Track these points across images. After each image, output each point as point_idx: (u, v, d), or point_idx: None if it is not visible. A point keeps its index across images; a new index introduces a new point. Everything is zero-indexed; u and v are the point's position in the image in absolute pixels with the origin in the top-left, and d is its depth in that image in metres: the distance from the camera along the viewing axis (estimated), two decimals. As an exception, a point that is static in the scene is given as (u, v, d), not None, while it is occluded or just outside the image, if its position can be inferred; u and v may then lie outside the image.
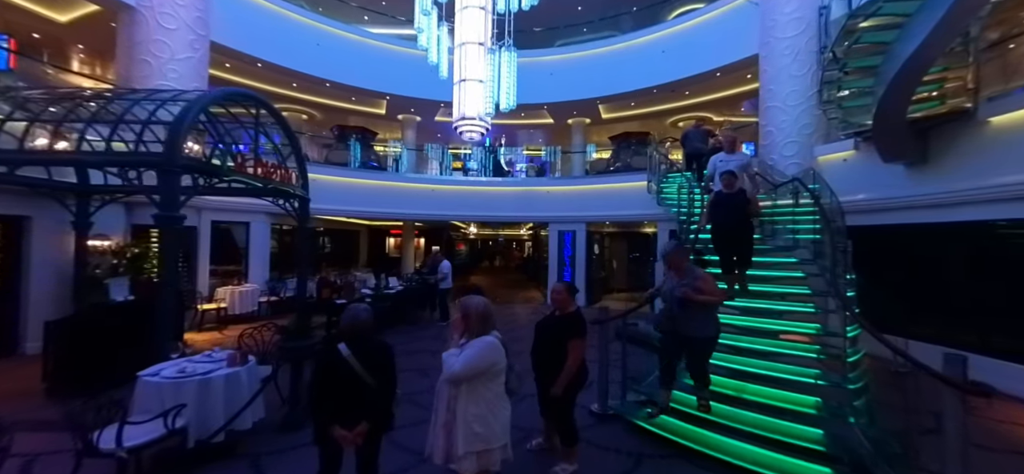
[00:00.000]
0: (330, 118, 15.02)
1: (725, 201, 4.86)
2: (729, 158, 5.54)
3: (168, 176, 4.12)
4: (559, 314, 3.35)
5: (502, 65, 6.16)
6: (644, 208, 10.81)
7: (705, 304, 3.50)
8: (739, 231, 4.83)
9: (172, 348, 3.76)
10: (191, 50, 8.35)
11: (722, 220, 4.89)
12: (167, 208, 4.11)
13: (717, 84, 11.75)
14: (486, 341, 2.39)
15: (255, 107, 5.44)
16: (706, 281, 3.56)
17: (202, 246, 9.17)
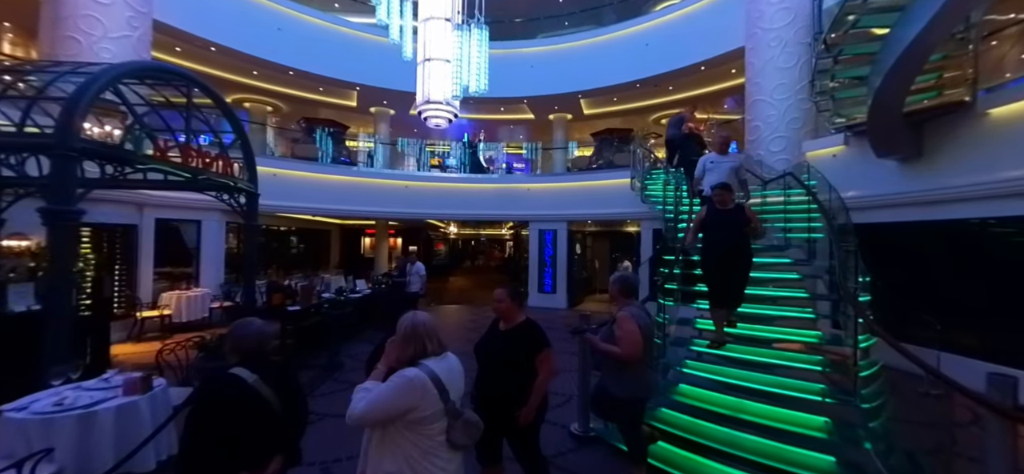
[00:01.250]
0: (298, 110, 14.12)
1: (721, 220, 3.98)
2: (720, 160, 4.87)
3: (61, 162, 3.40)
4: (505, 327, 2.59)
5: (472, 44, 5.52)
6: (627, 206, 10.38)
7: (612, 357, 2.76)
8: (738, 257, 3.94)
9: (58, 373, 3.03)
10: (129, 28, 7.46)
11: (718, 243, 3.99)
12: (58, 200, 3.39)
13: (701, 79, 11.42)
14: (407, 377, 1.72)
15: (185, 86, 4.71)
16: (622, 326, 2.70)
17: (144, 247, 8.28)
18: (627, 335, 2.67)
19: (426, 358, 1.80)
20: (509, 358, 2.49)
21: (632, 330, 2.67)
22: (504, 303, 2.56)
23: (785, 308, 4.76)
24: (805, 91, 7.81)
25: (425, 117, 5.35)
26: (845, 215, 4.96)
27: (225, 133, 5.77)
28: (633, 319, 2.71)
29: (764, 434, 3.26)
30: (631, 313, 2.76)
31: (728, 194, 4.04)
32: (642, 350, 2.71)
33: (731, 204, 4.01)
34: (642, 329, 2.72)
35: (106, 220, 7.46)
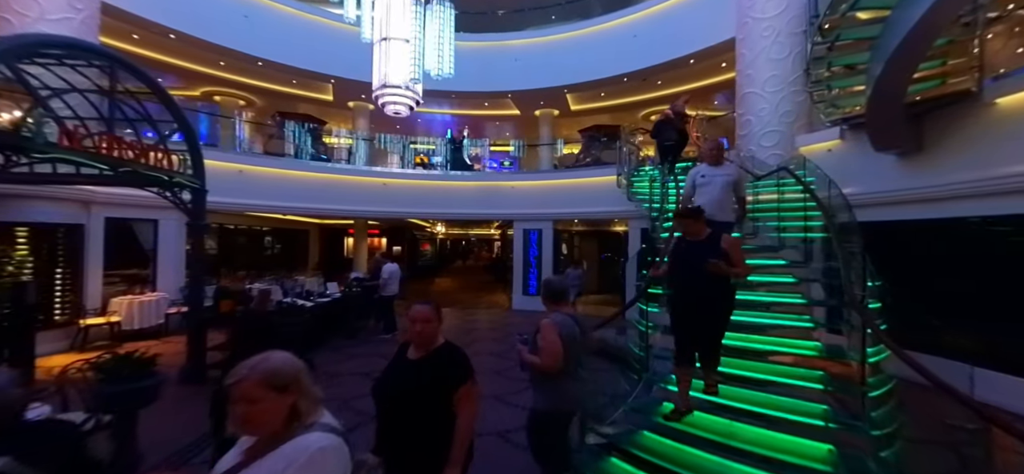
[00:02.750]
0: (272, 104, 13.51)
1: (691, 255, 3.05)
2: (713, 173, 3.94)
3: (-76, 148, 2.83)
4: (417, 355, 1.98)
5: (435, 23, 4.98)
6: (615, 204, 9.94)
7: (533, 367, 2.55)
8: (708, 303, 3.03)
9: None
10: (70, 10, 6.83)
11: (684, 286, 3.19)
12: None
13: (691, 73, 11.01)
14: (319, 448, 1.16)
15: (105, 65, 4.15)
16: (544, 334, 2.51)
17: (92, 248, 7.63)
18: (547, 345, 2.49)
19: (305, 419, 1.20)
20: (421, 396, 1.87)
21: (552, 340, 2.49)
22: (430, 323, 1.96)
23: (780, 316, 4.31)
24: (799, 83, 7.43)
25: (383, 103, 4.84)
26: (848, 212, 4.52)
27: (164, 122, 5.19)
28: (555, 327, 2.53)
29: (759, 465, 2.80)
30: (555, 320, 2.57)
31: (697, 223, 3.14)
32: (562, 360, 2.49)
33: (703, 234, 3.11)
34: (564, 338, 2.51)
35: (44, 219, 6.83)
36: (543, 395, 2.58)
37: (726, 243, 3.03)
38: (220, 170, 9.24)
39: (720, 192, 3.86)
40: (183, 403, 4.75)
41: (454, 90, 12.40)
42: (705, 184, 3.95)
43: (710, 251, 2.95)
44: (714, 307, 3.08)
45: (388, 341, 7.97)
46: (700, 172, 4.07)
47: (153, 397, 3.05)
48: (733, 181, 3.94)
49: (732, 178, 3.96)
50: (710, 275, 2.87)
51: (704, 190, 3.94)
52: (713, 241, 3.06)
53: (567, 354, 2.51)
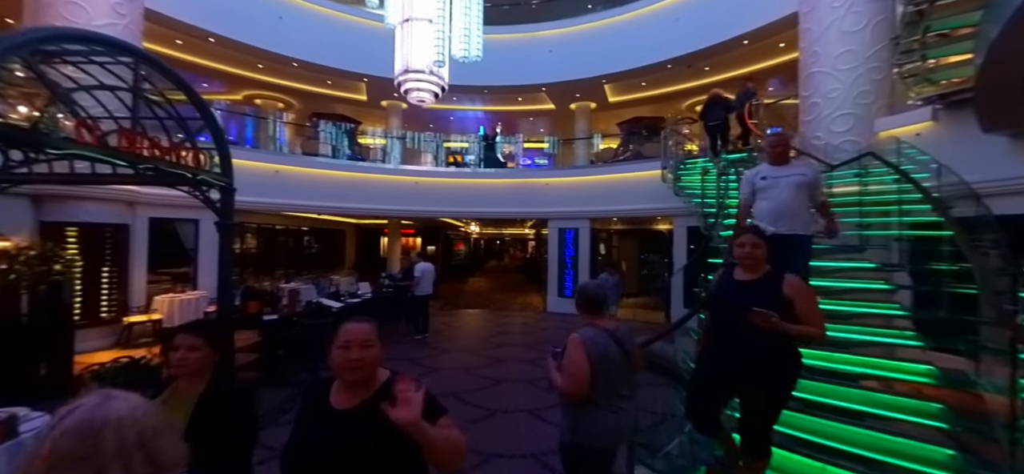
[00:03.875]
0: (309, 106, 13.71)
1: (735, 297, 2.18)
2: (779, 173, 3.02)
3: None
4: (354, 404, 1.32)
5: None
6: (658, 201, 9.23)
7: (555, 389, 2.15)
8: (756, 374, 2.14)
9: None
10: (115, 16, 7.02)
11: (723, 341, 2.28)
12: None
13: (743, 56, 10.06)
14: None
15: (128, 58, 4.03)
16: (568, 352, 2.07)
17: (136, 247, 7.85)
18: (569, 365, 2.05)
19: None
20: (368, 467, 1.27)
21: (577, 360, 2.03)
22: (372, 349, 1.34)
23: (874, 330, 3.57)
24: (879, 57, 6.46)
25: (405, 90, 4.49)
26: (975, 205, 3.68)
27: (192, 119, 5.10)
28: (583, 345, 2.05)
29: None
30: (585, 337, 2.08)
31: (758, 246, 2.20)
32: (586, 386, 2.01)
33: (761, 270, 2.21)
34: (594, 359, 2.02)
35: (91, 219, 7.05)
36: (570, 425, 2.11)
37: (791, 288, 2.08)
38: (257, 171, 9.37)
39: (789, 197, 2.95)
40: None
41: (486, 85, 12.06)
42: (769, 188, 3.02)
43: (764, 297, 2.04)
44: (764, 381, 2.12)
45: (420, 342, 7.72)
46: (759, 173, 3.14)
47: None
48: (808, 183, 2.98)
49: (807, 179, 2.99)
50: (761, 332, 1.95)
51: (767, 196, 3.03)
52: (771, 283, 2.14)
53: (597, 379, 2.01)
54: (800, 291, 2.12)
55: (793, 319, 2.02)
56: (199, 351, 1.56)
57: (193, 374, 1.56)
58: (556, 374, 2.15)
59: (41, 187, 6.20)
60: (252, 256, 11.94)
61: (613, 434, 2.13)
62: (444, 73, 4.52)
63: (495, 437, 4.01)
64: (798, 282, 2.17)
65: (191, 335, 1.58)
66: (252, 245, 12.18)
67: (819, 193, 3.10)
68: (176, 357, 1.55)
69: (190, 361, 1.54)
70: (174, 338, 1.58)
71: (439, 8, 4.25)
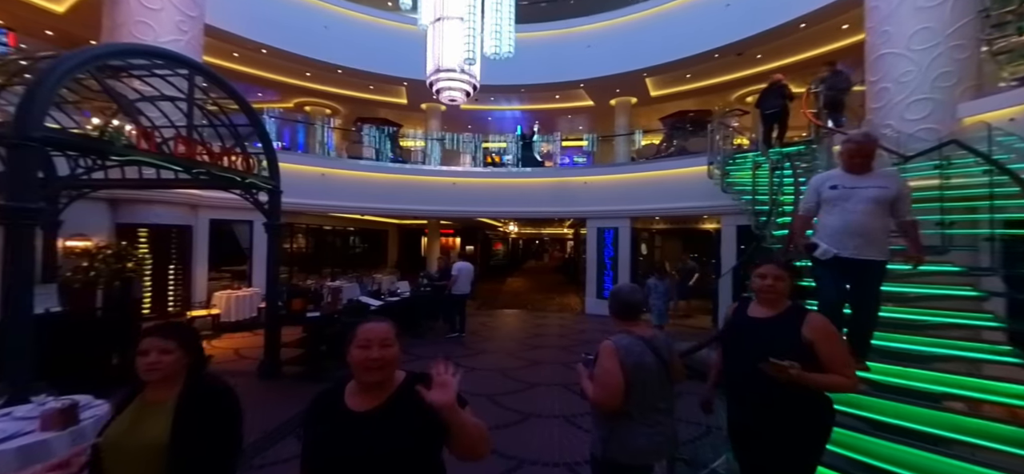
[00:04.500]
0: (353, 111, 14.24)
1: (749, 336, 1.94)
2: (855, 184, 2.55)
3: (18, 153, 3.01)
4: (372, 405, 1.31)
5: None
6: (704, 199, 8.74)
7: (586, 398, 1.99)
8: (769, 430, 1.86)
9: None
10: (178, 32, 7.58)
11: (736, 388, 2.02)
12: (18, 196, 2.99)
13: (799, 40, 9.32)
14: None
15: (184, 70, 4.31)
16: (600, 361, 1.91)
17: (198, 247, 8.46)
18: (601, 374, 1.89)
19: None
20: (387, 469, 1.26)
21: (609, 368, 1.87)
22: (391, 349, 1.32)
23: (956, 343, 3.12)
24: (962, 34, 5.72)
25: (437, 89, 4.48)
26: None
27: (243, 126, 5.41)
28: (616, 353, 1.89)
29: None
30: (618, 344, 1.92)
31: (780, 282, 1.90)
32: (619, 397, 1.85)
33: (780, 306, 1.91)
34: (627, 368, 1.86)
35: (160, 221, 7.67)
36: (602, 438, 1.95)
37: (812, 330, 1.78)
38: (305, 174, 9.84)
39: (867, 214, 2.46)
40: (258, 398, 4.85)
41: (523, 83, 11.99)
42: (840, 200, 2.55)
43: (780, 338, 1.78)
44: (782, 438, 1.80)
45: (457, 341, 7.77)
46: (829, 180, 2.67)
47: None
48: (891, 198, 2.48)
49: (890, 193, 2.48)
50: (775, 381, 1.70)
51: (837, 210, 2.56)
52: (789, 322, 1.83)
53: (631, 390, 1.85)
54: (822, 333, 1.80)
55: (815, 366, 1.73)
56: (172, 354, 1.42)
57: (165, 380, 1.42)
58: (587, 383, 2.01)
59: (116, 192, 6.81)
60: (302, 255, 12.59)
61: (649, 451, 1.95)
62: (475, 71, 4.47)
63: (528, 442, 3.91)
64: (821, 322, 1.83)
65: (162, 337, 1.44)
66: (302, 245, 12.85)
67: (907, 210, 2.56)
68: (146, 362, 1.40)
69: (163, 365, 1.40)
70: (142, 341, 1.42)
71: (470, 4, 4.21)
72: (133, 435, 1.37)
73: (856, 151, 2.61)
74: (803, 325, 1.81)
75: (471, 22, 4.05)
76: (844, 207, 2.55)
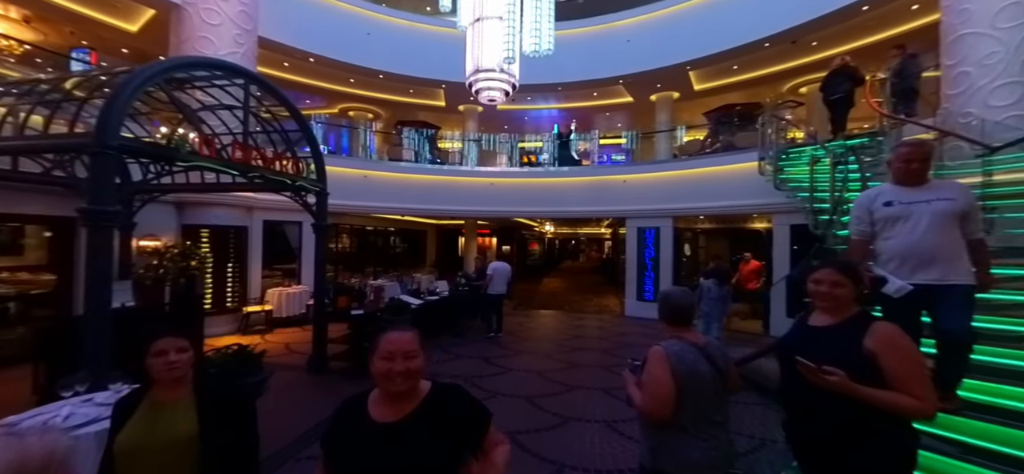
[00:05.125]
0: (394, 114, 14.65)
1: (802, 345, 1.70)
2: (910, 199, 2.25)
3: (99, 160, 3.28)
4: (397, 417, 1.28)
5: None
6: (753, 196, 8.29)
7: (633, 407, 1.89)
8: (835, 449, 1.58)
9: (66, 384, 2.85)
10: (235, 45, 8.08)
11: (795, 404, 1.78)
12: (98, 199, 3.26)
13: (861, 25, 8.61)
14: None
15: (241, 79, 4.56)
16: (649, 368, 1.81)
17: (253, 246, 8.98)
18: (651, 382, 1.78)
19: None
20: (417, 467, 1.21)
21: (659, 376, 1.76)
22: (416, 360, 1.27)
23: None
24: (1063, 7, 5.07)
25: (477, 89, 4.49)
26: None
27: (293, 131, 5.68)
28: (666, 359, 1.77)
29: None
30: (669, 350, 1.80)
31: (839, 289, 1.66)
32: (669, 407, 1.73)
33: (840, 315, 1.67)
34: (679, 377, 1.74)
35: (219, 223, 8.20)
36: (651, 448, 1.84)
37: (878, 341, 1.52)
38: (349, 176, 10.22)
39: (938, 230, 2.15)
40: (306, 392, 5.07)
41: (560, 82, 11.87)
42: (899, 219, 2.23)
43: (837, 347, 1.58)
44: (851, 463, 1.55)
45: (493, 340, 7.78)
46: (881, 196, 2.31)
47: (259, 393, 3.10)
48: (959, 210, 2.17)
49: (957, 205, 2.17)
50: (832, 395, 1.50)
51: (899, 231, 2.23)
52: (851, 330, 1.60)
53: (683, 399, 1.74)
54: (891, 344, 1.51)
55: (879, 382, 1.47)
56: (188, 352, 1.46)
57: (179, 379, 1.45)
58: (634, 390, 1.91)
59: (182, 195, 7.34)
60: (346, 255, 13.11)
61: (703, 465, 1.82)
62: (515, 70, 4.44)
63: (569, 446, 3.83)
64: (888, 332, 1.54)
65: (176, 337, 1.46)
66: (347, 244, 13.39)
67: (977, 227, 2.23)
68: (165, 361, 1.40)
69: (181, 364, 1.43)
70: (155, 342, 1.41)
71: (509, 3, 4.19)
72: (155, 435, 1.38)
73: (913, 156, 2.26)
74: (866, 335, 1.56)
75: (510, 21, 4.05)
76: (907, 226, 2.19)
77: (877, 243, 2.30)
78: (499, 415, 4.36)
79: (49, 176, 3.76)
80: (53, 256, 6.28)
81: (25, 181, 4.65)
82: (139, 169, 4.77)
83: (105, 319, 3.34)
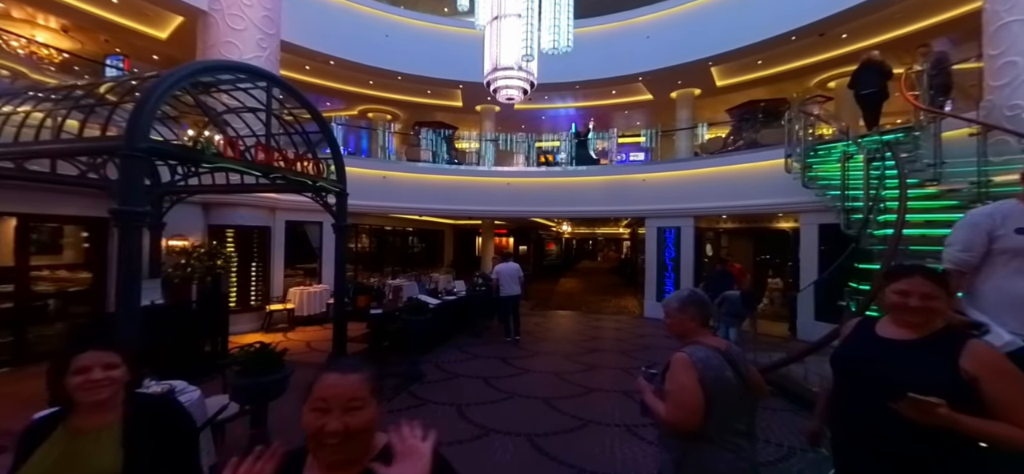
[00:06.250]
0: (412, 116, 14.76)
1: (877, 361, 1.46)
2: None
3: (128, 162, 3.38)
4: None
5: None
6: (779, 195, 8.04)
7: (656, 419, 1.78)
8: None
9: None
10: (259, 49, 8.27)
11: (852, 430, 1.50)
12: (128, 200, 3.36)
13: (895, 15, 8.23)
14: None
15: (263, 82, 4.64)
16: (674, 375, 1.70)
17: (276, 246, 9.18)
18: (678, 391, 1.67)
19: None
20: None
21: (686, 384, 1.65)
22: (359, 413, 0.90)
23: None
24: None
25: (495, 87, 4.46)
26: None
27: (313, 133, 5.76)
28: (694, 367, 1.67)
29: None
30: (695, 357, 1.69)
31: (930, 302, 1.40)
32: (699, 417, 1.63)
33: (926, 327, 1.42)
34: (706, 385, 1.64)
35: (244, 223, 8.40)
36: (674, 460, 1.74)
37: (977, 362, 1.29)
38: (368, 177, 10.34)
39: None
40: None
41: (578, 80, 11.76)
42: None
43: (927, 367, 1.35)
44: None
45: (508, 344, 7.71)
46: (1012, 218, 1.84)
47: (280, 391, 3.14)
48: None
49: None
50: (916, 425, 1.26)
51: None
52: (943, 346, 1.37)
53: (711, 408, 1.65)
54: (995, 368, 1.28)
55: (977, 409, 1.25)
56: (118, 369, 1.20)
57: (105, 401, 1.18)
58: (653, 399, 1.81)
59: (209, 196, 7.55)
60: (366, 254, 13.29)
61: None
62: (533, 67, 4.39)
63: (589, 451, 3.76)
64: (990, 354, 1.32)
65: (104, 350, 1.19)
66: (366, 244, 13.57)
67: None
68: (88, 380, 1.14)
69: (107, 384, 1.17)
70: (76, 358, 1.15)
71: (528, 0, 4.14)
72: (69, 469, 1.13)
73: None
74: (962, 354, 1.32)
75: (529, 18, 4.01)
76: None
77: (982, 278, 1.83)
78: (517, 416, 4.38)
79: (84, 178, 3.91)
80: (89, 255, 6.54)
81: (62, 183, 4.86)
82: (168, 171, 4.90)
83: (134, 316, 3.43)
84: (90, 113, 3.66)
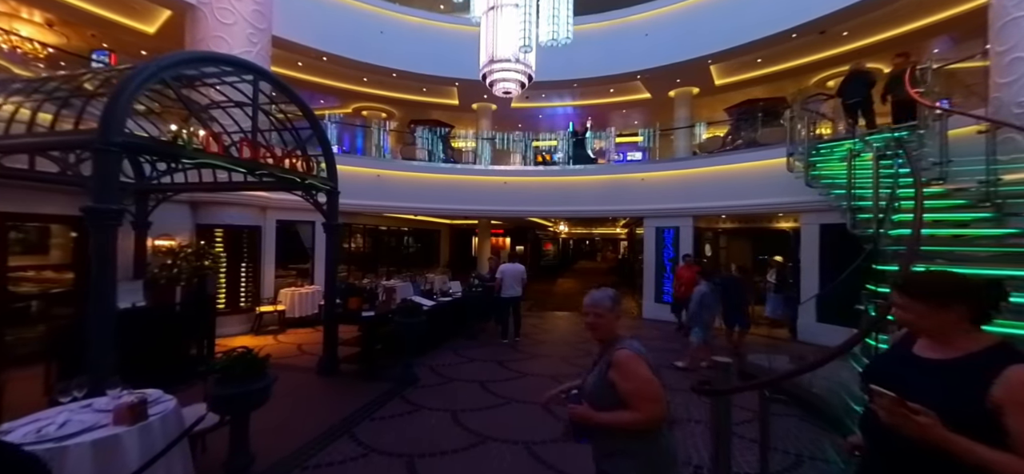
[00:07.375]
0: (408, 114, 14.57)
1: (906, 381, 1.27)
2: None
3: (102, 158, 3.19)
4: None
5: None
6: (779, 194, 7.93)
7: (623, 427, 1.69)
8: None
9: (64, 389, 2.74)
10: (249, 44, 8.06)
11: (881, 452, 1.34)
12: (101, 197, 3.18)
13: (896, 12, 8.13)
14: None
15: (250, 76, 4.46)
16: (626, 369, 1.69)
17: (267, 246, 8.96)
18: (643, 385, 1.66)
19: None
20: None
21: (646, 376, 1.68)
22: None
23: None
24: None
25: (491, 81, 4.29)
26: None
27: (303, 128, 5.57)
28: (642, 358, 1.71)
29: None
30: (635, 349, 1.74)
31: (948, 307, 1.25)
32: (665, 404, 1.69)
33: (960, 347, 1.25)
34: (654, 370, 1.72)
35: (233, 222, 8.19)
36: (648, 462, 1.69)
37: (1011, 393, 1.10)
38: (361, 176, 10.14)
39: None
40: (314, 396, 4.94)
41: (576, 78, 11.61)
42: None
43: (954, 391, 1.19)
44: None
45: (505, 346, 7.55)
46: None
47: (263, 400, 2.96)
48: None
49: None
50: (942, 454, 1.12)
51: None
52: (978, 367, 1.19)
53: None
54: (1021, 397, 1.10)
55: (997, 438, 1.09)
56: None
57: None
58: (611, 416, 1.69)
59: (196, 195, 7.34)
60: (360, 255, 13.08)
61: (676, 454, 1.80)
62: (531, 59, 4.23)
63: (589, 462, 3.58)
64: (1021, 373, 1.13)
65: None
66: (360, 244, 13.36)
67: None
68: None
69: None
70: None
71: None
72: None
73: None
74: (996, 381, 1.13)
75: (527, 8, 3.84)
76: None
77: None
78: (514, 423, 4.20)
79: (64, 175, 3.71)
80: (74, 255, 6.33)
81: (40, 180, 4.65)
82: (149, 167, 4.70)
83: (109, 321, 3.24)
84: (63, 105, 3.46)
